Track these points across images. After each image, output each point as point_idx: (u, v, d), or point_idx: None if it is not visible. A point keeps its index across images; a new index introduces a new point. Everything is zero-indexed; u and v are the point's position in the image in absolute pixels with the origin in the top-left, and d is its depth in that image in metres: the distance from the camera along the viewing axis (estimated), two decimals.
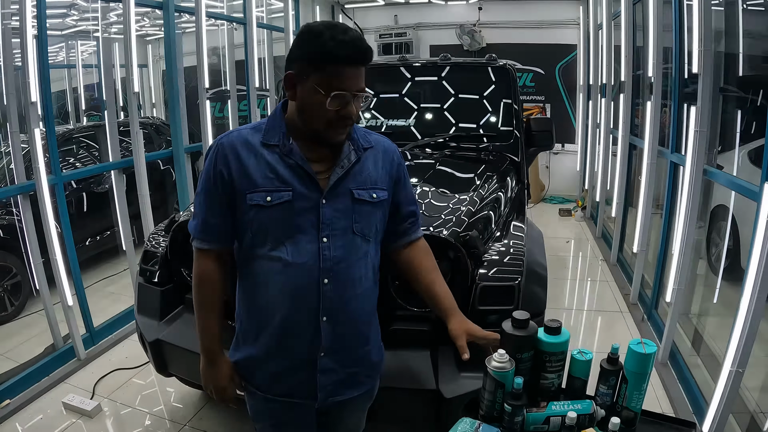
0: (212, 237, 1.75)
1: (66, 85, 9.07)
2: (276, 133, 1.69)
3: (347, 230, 1.72)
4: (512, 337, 1.58)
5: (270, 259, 1.69)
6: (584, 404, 1.56)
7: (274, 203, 1.65)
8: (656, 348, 1.55)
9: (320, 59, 1.55)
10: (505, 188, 3.38)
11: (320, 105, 1.58)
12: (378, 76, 4.38)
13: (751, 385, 3.29)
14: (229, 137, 1.70)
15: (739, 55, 3.95)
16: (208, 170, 1.70)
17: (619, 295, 5.25)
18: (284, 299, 1.70)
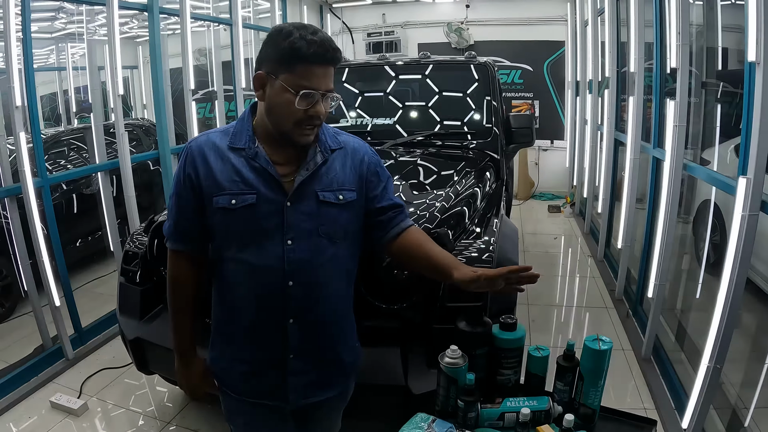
0: (184, 239, 1.79)
1: (57, 87, 9.10)
2: (243, 136, 1.71)
3: (312, 233, 1.71)
4: (466, 333, 1.59)
5: (237, 261, 1.71)
6: (540, 401, 1.56)
7: (239, 206, 1.66)
8: (611, 345, 1.54)
9: (290, 59, 1.56)
10: (481, 185, 3.39)
11: (289, 104, 1.59)
12: (358, 75, 4.40)
13: (734, 380, 3.31)
14: (197, 141, 1.73)
15: (718, 49, 3.98)
16: (179, 174, 1.73)
17: (605, 290, 5.26)
18: (251, 301, 1.74)
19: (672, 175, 3.55)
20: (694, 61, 4.09)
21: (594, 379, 1.56)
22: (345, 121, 4.30)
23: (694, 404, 2.88)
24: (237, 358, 1.82)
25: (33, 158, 3.93)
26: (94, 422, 3.49)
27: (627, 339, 4.31)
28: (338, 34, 9.54)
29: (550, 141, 9.11)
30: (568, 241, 7.02)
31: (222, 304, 1.82)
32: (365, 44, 9.18)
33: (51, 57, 9.03)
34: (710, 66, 4.05)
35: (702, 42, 4.10)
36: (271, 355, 1.79)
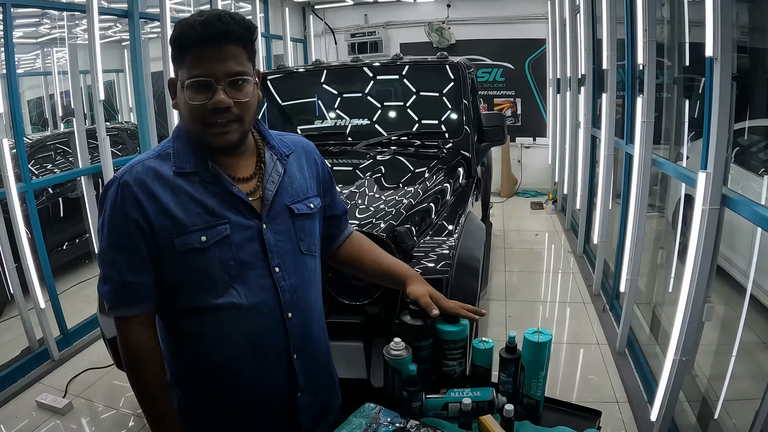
0: (137, 300, 1.44)
1: (42, 92, 9.14)
2: (188, 156, 1.43)
3: (295, 252, 1.53)
4: (409, 326, 1.62)
5: (220, 309, 1.43)
6: (484, 391, 1.59)
7: (212, 242, 1.40)
8: (551, 337, 1.57)
9: (178, 50, 1.34)
10: (449, 183, 3.44)
11: (185, 102, 1.35)
12: (331, 76, 4.47)
13: (708, 372, 3.34)
14: (132, 173, 1.40)
15: (686, 44, 4.03)
16: (115, 219, 1.39)
17: (583, 286, 5.32)
18: (246, 349, 1.49)
19: (641, 169, 3.59)
20: (676, 57, 4.17)
21: (535, 371, 1.59)
22: (319, 122, 4.36)
23: (661, 396, 2.91)
24: (234, 419, 1.56)
25: (17, 163, 3.99)
26: (79, 421, 3.55)
27: (603, 333, 4.36)
28: (321, 35, 9.59)
29: (533, 138, 9.17)
30: (550, 237, 7.07)
31: (199, 366, 1.53)
32: (348, 45, 9.22)
33: (37, 62, 9.06)
34: (692, 61, 4.07)
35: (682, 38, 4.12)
36: (279, 400, 1.59)
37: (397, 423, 1.51)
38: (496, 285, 5.38)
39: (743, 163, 4.15)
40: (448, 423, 1.56)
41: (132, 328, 1.45)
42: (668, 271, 4.41)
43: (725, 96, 2.42)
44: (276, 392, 1.57)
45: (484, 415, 1.53)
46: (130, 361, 1.46)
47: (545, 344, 1.57)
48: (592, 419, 1.64)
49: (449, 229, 2.95)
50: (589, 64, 5.71)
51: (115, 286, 1.42)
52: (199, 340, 1.49)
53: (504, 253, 6.36)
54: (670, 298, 4.14)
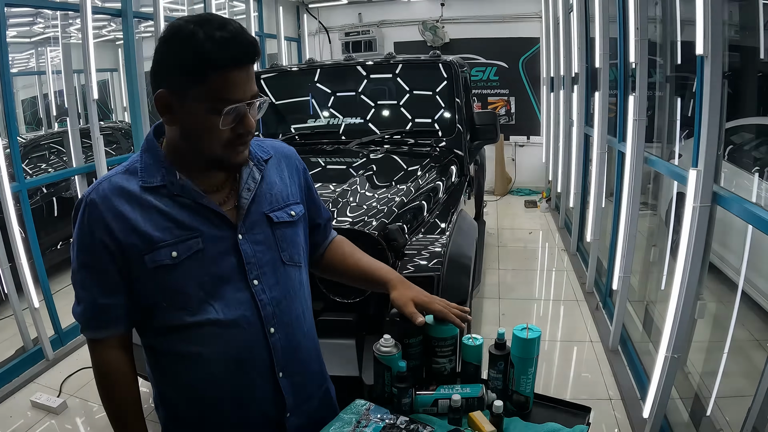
0: (109, 321, 1.38)
1: (37, 91, 9.12)
2: (156, 170, 1.35)
3: (276, 262, 1.45)
4: (398, 323, 1.62)
5: (197, 326, 1.36)
6: (474, 388, 1.59)
7: (183, 257, 1.33)
8: (539, 333, 1.56)
9: (198, 68, 1.19)
10: (441, 181, 3.46)
11: (211, 127, 1.25)
12: (324, 75, 4.47)
13: (701, 369, 3.36)
14: (98, 191, 1.32)
15: (677, 42, 4.03)
16: (83, 240, 1.33)
17: (576, 284, 5.33)
18: (227, 367, 1.41)
19: (633, 167, 3.60)
20: (668, 56, 4.17)
21: (524, 367, 1.58)
22: (313, 120, 4.36)
23: (653, 393, 2.92)
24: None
25: (11, 163, 3.98)
26: (74, 420, 3.57)
27: (596, 331, 4.38)
28: (315, 34, 9.59)
29: (527, 137, 9.19)
30: (544, 235, 7.09)
31: (180, 386, 1.46)
32: (342, 44, 9.21)
33: (31, 61, 9.05)
34: (685, 60, 4.08)
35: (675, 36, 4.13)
36: (266, 422, 1.51)
37: (387, 419, 1.51)
38: (490, 283, 5.39)
39: (737, 161, 4.17)
40: (438, 419, 1.56)
41: (104, 351, 1.40)
42: (661, 268, 4.43)
43: (716, 94, 2.42)
44: (261, 413, 1.49)
45: (474, 411, 1.53)
46: (103, 385, 1.42)
47: (534, 340, 1.57)
48: (582, 415, 1.63)
49: (441, 227, 2.96)
50: (582, 62, 5.72)
51: (86, 307, 1.37)
52: (179, 360, 1.42)
53: (498, 252, 6.38)
54: (662, 296, 4.16)
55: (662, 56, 4.24)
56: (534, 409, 1.65)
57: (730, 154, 4.19)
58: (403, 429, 1.48)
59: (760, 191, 3.61)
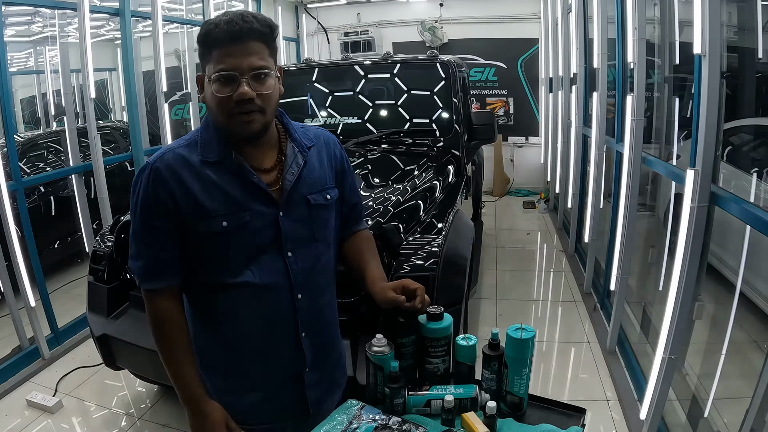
0: (166, 273, 1.57)
1: (35, 90, 9.12)
2: (214, 147, 1.54)
3: (309, 239, 1.64)
4: (391, 322, 1.63)
5: (236, 287, 1.57)
6: (467, 388, 1.58)
7: (232, 227, 1.52)
8: (534, 333, 1.55)
9: (205, 47, 1.46)
10: (438, 181, 3.45)
11: (213, 95, 1.46)
12: (321, 75, 4.46)
13: (698, 371, 3.35)
14: (163, 159, 1.51)
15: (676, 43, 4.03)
16: (147, 200, 1.51)
17: (574, 284, 5.31)
18: (260, 325, 1.61)
19: (630, 168, 3.59)
20: (667, 56, 4.16)
21: (518, 368, 1.57)
22: (310, 120, 4.35)
23: (650, 395, 2.91)
24: (246, 388, 1.68)
25: (8, 162, 3.97)
26: (69, 419, 3.56)
27: (593, 332, 4.36)
28: (314, 34, 9.59)
29: (525, 138, 9.17)
30: (542, 236, 7.08)
31: (218, 338, 1.65)
32: (341, 44, 9.18)
33: (30, 60, 9.05)
34: (684, 61, 4.07)
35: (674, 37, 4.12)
36: (287, 374, 1.69)
37: (379, 420, 1.51)
38: (488, 284, 5.38)
39: (736, 162, 4.16)
40: (430, 420, 1.55)
41: (160, 300, 1.57)
42: (659, 269, 4.43)
43: (713, 93, 2.41)
44: (285, 367, 1.68)
45: (467, 412, 1.52)
46: (158, 329, 1.58)
47: (528, 341, 1.55)
48: (576, 417, 1.62)
49: (438, 226, 2.94)
50: (581, 63, 5.71)
51: (146, 261, 1.55)
52: (218, 315, 1.62)
53: (495, 252, 6.36)
54: (660, 297, 4.16)
55: (661, 57, 4.24)
56: (528, 410, 1.64)
57: (729, 155, 4.18)
58: (395, 430, 1.47)
59: (759, 192, 3.60)
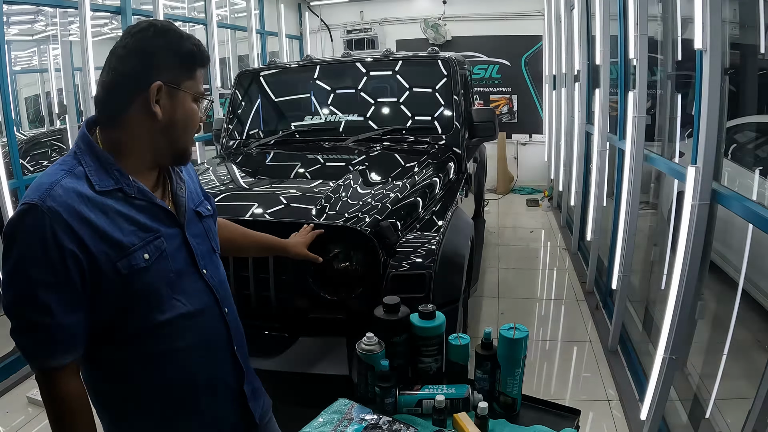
0: (74, 343, 1.29)
1: (39, 89, 9.14)
2: (106, 172, 1.33)
3: (210, 251, 1.56)
4: (381, 321, 1.61)
5: (168, 323, 1.39)
6: (459, 388, 1.57)
7: (154, 258, 1.35)
8: (527, 333, 1.54)
9: (190, 63, 1.37)
10: (438, 178, 3.43)
11: (194, 114, 1.40)
12: (323, 72, 4.43)
13: (700, 371, 3.32)
14: (54, 197, 1.23)
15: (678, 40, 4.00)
16: (43, 254, 1.21)
17: (577, 283, 5.29)
18: (202, 354, 1.48)
19: (632, 165, 3.56)
20: (670, 53, 4.11)
21: (511, 368, 1.56)
22: (309, 117, 4.34)
23: (651, 395, 2.88)
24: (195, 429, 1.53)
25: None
26: None
27: (596, 331, 4.33)
28: (317, 32, 9.58)
29: (529, 135, 9.17)
30: (545, 234, 7.05)
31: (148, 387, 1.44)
32: (344, 41, 9.19)
33: (33, 59, 9.08)
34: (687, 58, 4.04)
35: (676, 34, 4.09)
36: (231, 394, 1.59)
37: (369, 419, 1.49)
38: (490, 282, 5.35)
39: (739, 159, 4.13)
40: (422, 420, 1.53)
41: (66, 380, 1.29)
42: (662, 268, 4.40)
43: (715, 89, 2.38)
44: (227, 387, 1.57)
45: (459, 412, 1.51)
46: (66, 418, 1.31)
47: (521, 341, 1.54)
48: (571, 418, 1.61)
49: (438, 224, 2.93)
50: (584, 60, 5.69)
51: (44, 335, 1.25)
52: (150, 362, 1.41)
53: (499, 250, 6.34)
54: (663, 296, 4.14)
55: (664, 54, 4.20)
56: (521, 411, 1.63)
57: (734, 152, 4.15)
58: (385, 430, 1.46)
59: (763, 190, 3.57)
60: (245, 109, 4.50)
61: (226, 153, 4.15)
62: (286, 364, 2.44)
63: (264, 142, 4.14)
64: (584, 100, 5.71)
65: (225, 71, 7.40)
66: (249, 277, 2.60)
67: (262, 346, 2.56)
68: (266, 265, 2.56)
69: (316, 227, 2.33)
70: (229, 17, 7.80)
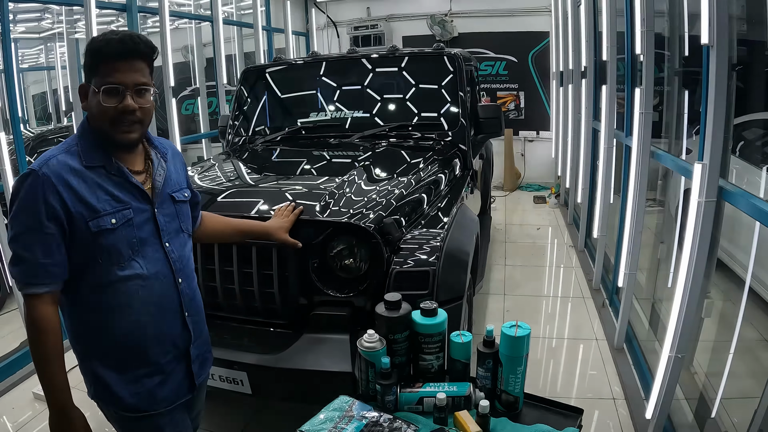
0: (48, 278, 1.63)
1: (46, 86, 9.19)
2: (94, 153, 1.68)
3: (178, 231, 1.86)
4: (383, 318, 1.61)
5: (127, 279, 1.70)
6: (461, 386, 1.57)
7: (120, 224, 1.66)
8: (529, 331, 1.53)
9: (93, 61, 1.61)
10: (444, 175, 3.42)
11: (98, 104, 1.61)
12: (329, 68, 4.43)
13: (707, 369, 3.29)
14: (49, 166, 1.61)
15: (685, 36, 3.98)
16: (33, 206, 1.58)
17: (583, 280, 5.26)
18: (152, 311, 1.76)
19: (639, 162, 3.53)
20: (677, 50, 4.09)
21: (513, 366, 1.55)
22: (315, 114, 4.33)
23: (657, 394, 2.86)
24: (144, 375, 1.80)
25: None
26: None
27: (602, 329, 4.31)
28: (323, 29, 9.57)
29: (536, 132, 9.12)
30: (552, 231, 7.03)
31: (110, 331, 1.74)
32: (350, 38, 9.19)
33: (40, 57, 9.12)
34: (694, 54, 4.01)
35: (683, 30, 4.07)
36: (178, 353, 1.87)
37: (370, 417, 1.48)
38: (496, 279, 5.34)
39: (747, 157, 4.10)
40: (422, 418, 1.53)
41: (40, 306, 1.63)
42: (669, 266, 4.38)
43: (722, 85, 2.36)
44: (175, 345, 1.85)
45: (461, 410, 1.51)
46: (38, 336, 1.64)
47: (523, 338, 1.53)
48: (573, 417, 1.60)
49: (443, 221, 2.92)
50: (591, 56, 5.66)
51: (28, 266, 1.61)
52: (110, 310, 1.72)
53: (505, 247, 6.32)
54: (669, 294, 4.11)
55: (671, 50, 4.18)
56: (524, 410, 1.63)
57: (741, 149, 4.12)
58: (385, 427, 1.45)
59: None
60: (251, 105, 4.50)
61: (231, 149, 4.15)
62: (288, 361, 2.44)
63: (270, 138, 4.14)
64: (591, 96, 5.67)
65: (231, 68, 7.41)
66: (252, 273, 2.59)
67: (265, 343, 2.58)
68: (269, 261, 2.56)
69: (319, 224, 2.37)
70: (236, 14, 7.81)
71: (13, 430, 3.41)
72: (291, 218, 2.47)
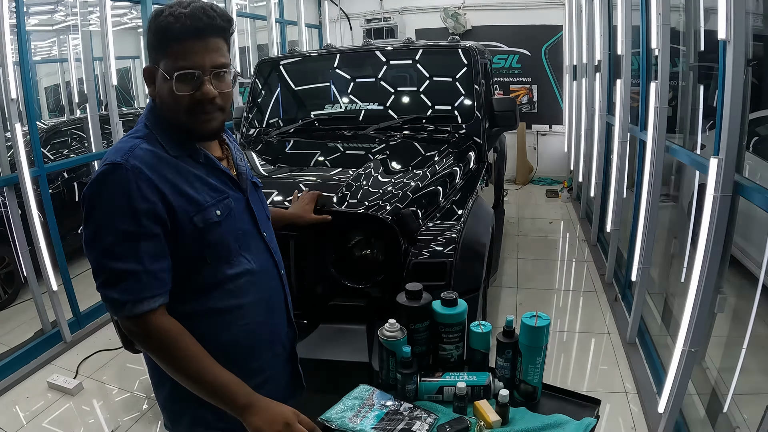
0: (162, 286, 1.38)
1: (59, 78, 9.25)
2: (175, 141, 1.45)
3: (266, 219, 1.68)
4: (404, 307, 1.62)
5: (237, 277, 1.50)
6: (480, 376, 1.58)
7: (224, 215, 1.47)
8: (549, 321, 1.54)
9: (161, 41, 1.36)
10: (459, 167, 3.43)
11: (170, 92, 1.38)
12: (343, 61, 4.44)
13: (719, 365, 3.29)
14: (136, 156, 1.37)
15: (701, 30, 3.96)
16: (127, 205, 1.32)
17: (596, 274, 5.27)
18: (263, 310, 1.58)
19: (653, 156, 3.53)
20: (692, 44, 4.07)
21: (532, 356, 1.57)
22: (330, 106, 4.34)
23: (669, 388, 2.87)
24: (260, 382, 1.56)
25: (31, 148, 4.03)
26: (90, 401, 3.62)
27: (614, 323, 4.32)
28: (336, 21, 9.56)
29: (549, 126, 9.09)
30: (564, 225, 7.02)
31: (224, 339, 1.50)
32: (363, 31, 9.17)
33: (53, 49, 9.18)
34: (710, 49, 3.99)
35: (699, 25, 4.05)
36: (286, 354, 1.71)
37: (390, 405, 1.50)
38: (509, 272, 5.35)
39: (761, 153, 4.09)
40: (442, 407, 1.54)
41: (158, 318, 1.37)
42: (682, 260, 4.37)
43: (738, 80, 2.36)
44: (284, 346, 1.69)
45: (480, 400, 1.52)
46: (172, 351, 1.38)
47: (543, 329, 1.55)
48: (591, 408, 1.61)
49: (458, 213, 2.94)
50: (605, 50, 5.63)
51: (134, 281, 1.34)
52: (219, 317, 1.50)
53: (517, 241, 6.33)
54: (682, 289, 4.11)
55: (686, 45, 4.16)
56: (542, 400, 1.64)
57: (755, 145, 4.11)
58: (405, 416, 1.47)
59: None
60: (265, 97, 4.52)
61: (246, 141, 4.17)
62: (305, 351, 2.46)
63: (284, 130, 4.16)
64: (605, 90, 5.66)
65: (245, 60, 7.42)
66: None
67: None
68: (287, 251, 2.57)
69: (337, 215, 2.38)
70: (249, 6, 7.81)
71: (26, 419, 3.45)
72: (311, 203, 2.31)
